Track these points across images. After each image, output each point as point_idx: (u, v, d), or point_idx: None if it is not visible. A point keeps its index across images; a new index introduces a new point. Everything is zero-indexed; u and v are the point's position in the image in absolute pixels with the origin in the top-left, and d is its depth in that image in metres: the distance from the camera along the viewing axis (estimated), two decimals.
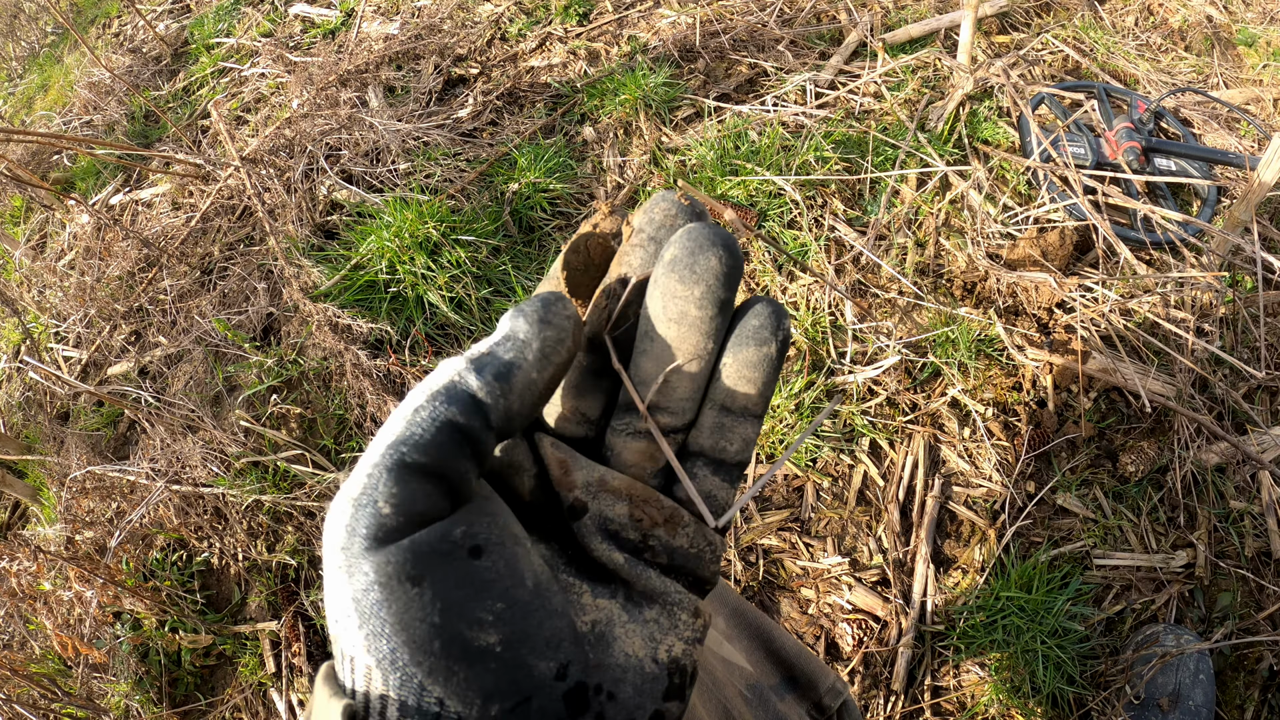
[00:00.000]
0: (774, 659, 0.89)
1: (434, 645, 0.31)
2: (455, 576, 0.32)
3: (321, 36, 2.95)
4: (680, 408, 0.39)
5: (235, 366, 2.11)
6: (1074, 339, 1.80)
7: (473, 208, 2.20)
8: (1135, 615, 1.64)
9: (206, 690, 1.80)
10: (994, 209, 2.03)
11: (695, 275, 0.37)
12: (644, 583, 0.37)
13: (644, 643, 0.36)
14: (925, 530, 1.70)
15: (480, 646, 0.31)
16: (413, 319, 2.06)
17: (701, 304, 0.37)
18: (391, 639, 0.31)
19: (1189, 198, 2.14)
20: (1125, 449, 1.75)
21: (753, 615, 0.93)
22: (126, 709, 1.78)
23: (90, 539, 1.96)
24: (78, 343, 2.40)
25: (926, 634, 1.63)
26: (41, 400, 2.35)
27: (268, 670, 1.77)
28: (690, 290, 0.37)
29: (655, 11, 2.65)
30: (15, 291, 2.64)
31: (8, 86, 3.86)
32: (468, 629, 0.31)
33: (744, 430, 0.40)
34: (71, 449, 2.11)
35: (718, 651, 0.84)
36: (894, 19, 2.52)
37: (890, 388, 1.82)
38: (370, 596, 0.31)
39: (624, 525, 0.37)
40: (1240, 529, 1.68)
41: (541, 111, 2.45)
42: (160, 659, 1.80)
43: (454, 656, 0.31)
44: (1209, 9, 2.56)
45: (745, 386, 0.39)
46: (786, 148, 2.13)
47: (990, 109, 2.23)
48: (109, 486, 2.02)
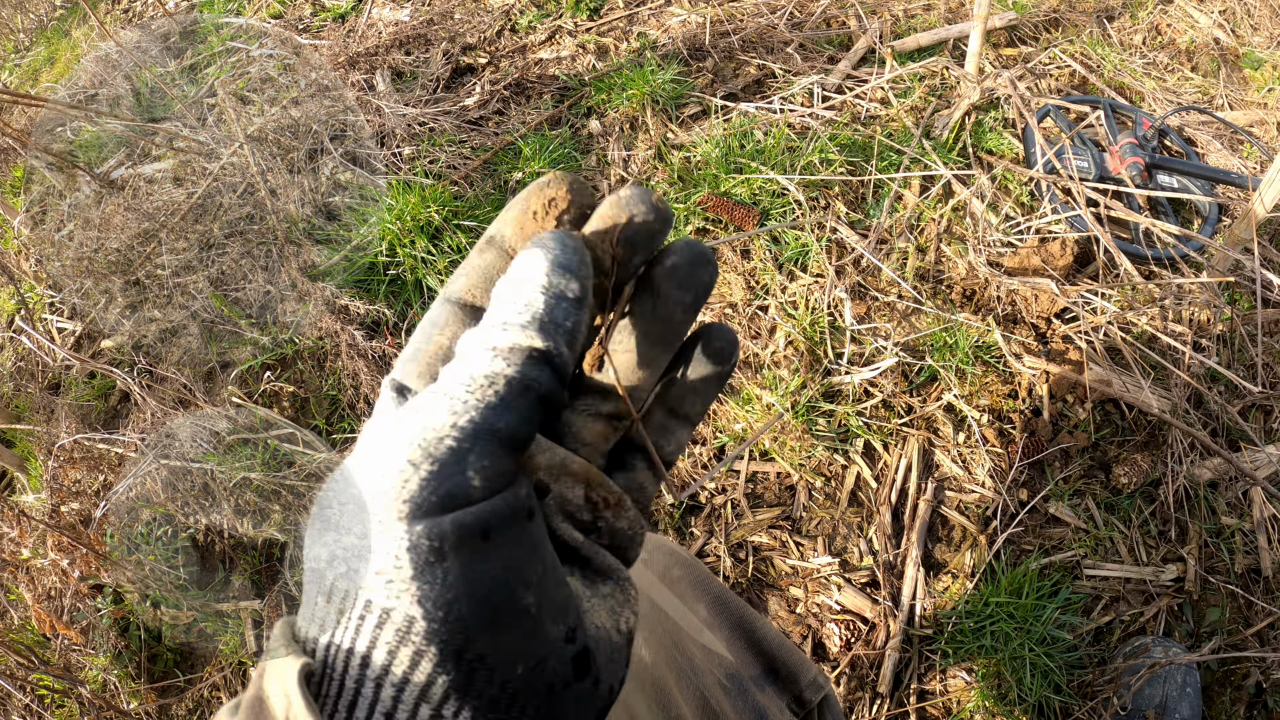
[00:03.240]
0: (755, 649, 0.89)
1: (493, 599, 0.32)
2: (516, 537, 0.33)
3: (331, 20, 2.95)
4: (639, 397, 0.43)
5: (230, 343, 2.09)
6: (1072, 349, 1.80)
7: (475, 194, 2.20)
8: (1124, 626, 1.64)
9: (186, 667, 1.79)
10: (996, 218, 2.03)
11: (690, 284, 0.40)
12: (599, 560, 0.39)
13: (608, 615, 0.38)
14: (916, 534, 1.70)
15: (524, 605, 0.32)
16: (410, 302, 2.06)
17: (687, 310, 0.41)
18: (453, 588, 0.31)
19: (1190, 215, 2.14)
20: (1119, 461, 1.75)
21: (735, 605, 0.92)
22: (104, 682, 1.77)
23: (76, 510, 1.95)
24: (72, 314, 2.39)
25: (914, 637, 1.62)
26: (33, 370, 2.33)
27: (248, 649, 1.75)
28: (683, 296, 0.40)
29: (666, 9, 2.65)
30: (13, 260, 2.62)
31: (14, 58, 3.84)
32: (520, 588, 0.32)
33: (681, 435, 0.44)
34: (61, 419, 2.10)
35: (697, 639, 0.84)
36: (903, 27, 2.53)
37: (887, 390, 1.82)
38: (434, 548, 0.31)
39: (579, 507, 0.39)
40: (1231, 545, 1.68)
41: (548, 103, 2.45)
42: (140, 633, 1.79)
43: (503, 613, 0.32)
44: (1217, 31, 2.58)
45: (694, 397, 0.43)
46: (791, 148, 2.13)
47: (996, 119, 2.24)
48: (97, 458, 2.01)
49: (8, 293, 2.55)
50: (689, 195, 2.08)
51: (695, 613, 0.88)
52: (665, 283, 0.40)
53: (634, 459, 0.43)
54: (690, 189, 2.11)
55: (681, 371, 0.43)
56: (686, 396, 0.43)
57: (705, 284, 0.40)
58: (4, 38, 4.03)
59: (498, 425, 0.33)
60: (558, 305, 0.35)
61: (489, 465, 0.32)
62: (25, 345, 2.34)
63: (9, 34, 4.01)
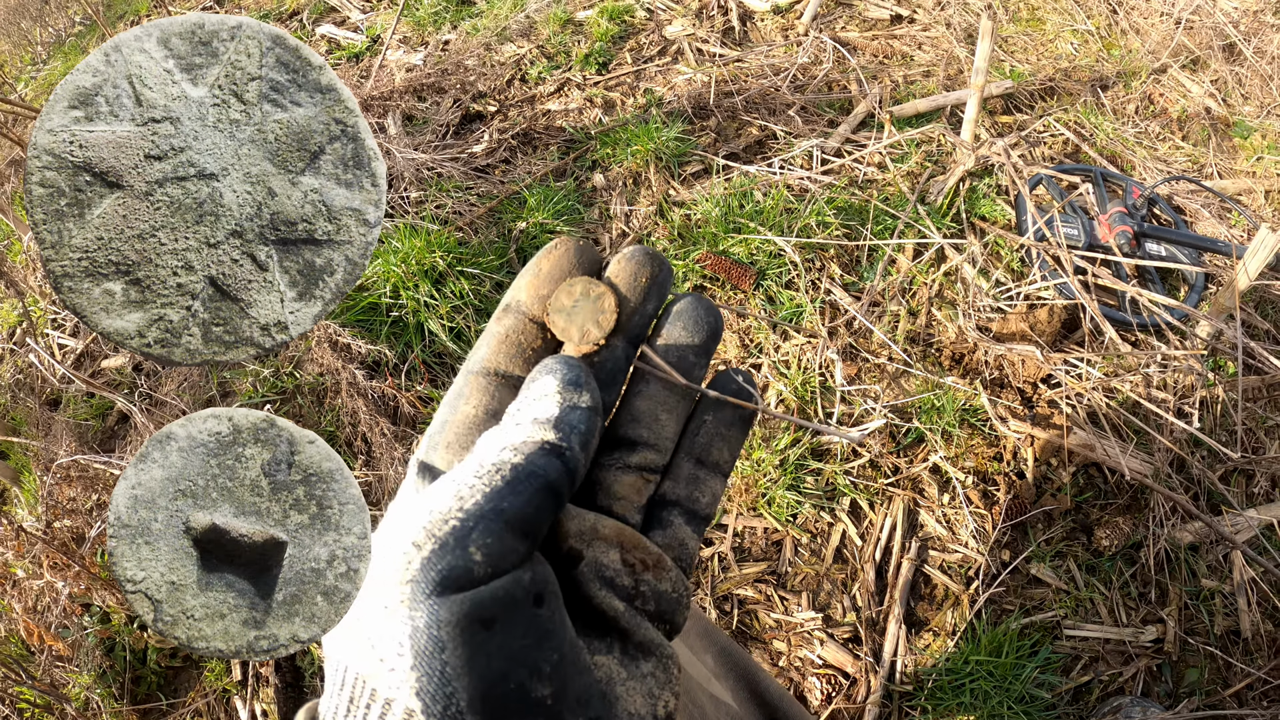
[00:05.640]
0: (758, 700, 0.91)
1: (496, 691, 0.31)
2: (523, 624, 0.32)
3: (346, 59, 3.03)
4: (665, 446, 0.42)
5: (231, 373, 2.13)
6: (1056, 413, 1.85)
7: (480, 242, 2.26)
8: (1103, 686, 1.67)
9: (169, 691, 1.80)
10: (986, 283, 2.09)
11: (697, 327, 0.42)
12: (641, 634, 0.37)
13: (644, 700, 0.36)
14: (900, 591, 1.74)
15: (535, 698, 0.31)
16: (411, 345, 2.11)
17: (699, 353, 0.42)
18: (452, 682, 0.30)
19: (1177, 282, 2.20)
20: (1100, 524, 1.79)
21: (740, 656, 0.95)
22: (87, 701, 1.78)
23: (69, 527, 1.97)
24: (75, 331, 2.42)
25: (895, 693, 1.66)
26: (33, 384, 2.36)
27: (233, 677, 1.78)
28: (692, 338, 0.42)
29: (672, 67, 2.73)
30: (20, 275, 2.66)
31: (31, 70, 3.88)
32: (528, 679, 0.31)
33: (714, 485, 0.43)
34: (60, 436, 2.12)
35: (706, 688, 0.86)
36: (903, 93, 2.60)
37: (874, 450, 1.87)
38: (433, 635, 0.31)
39: (618, 572, 0.38)
40: (1211, 607, 1.71)
41: (554, 154, 2.51)
42: (126, 655, 1.80)
43: (511, 706, 0.31)
44: (1208, 101, 2.64)
45: (721, 444, 0.43)
46: (789, 210, 2.19)
47: (989, 186, 2.30)
48: (92, 477, 2.04)
49: (10, 305, 2.58)
50: (688, 252, 2.14)
51: (703, 663, 0.90)
52: (673, 327, 0.42)
53: (671, 514, 0.42)
54: (689, 246, 2.16)
55: (705, 418, 0.43)
56: (713, 444, 0.43)
57: (713, 326, 0.42)
58: (22, 49, 4.07)
59: (502, 506, 0.33)
60: (571, 411, 0.37)
61: (492, 543, 0.32)
62: (25, 359, 2.37)
63: (27, 46, 4.06)
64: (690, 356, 0.42)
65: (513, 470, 0.34)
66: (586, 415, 0.37)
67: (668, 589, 0.39)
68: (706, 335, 0.42)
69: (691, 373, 0.42)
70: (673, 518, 0.42)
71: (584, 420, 0.37)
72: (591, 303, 0.41)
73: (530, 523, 0.33)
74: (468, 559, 0.31)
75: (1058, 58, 2.79)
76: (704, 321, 0.42)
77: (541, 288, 0.42)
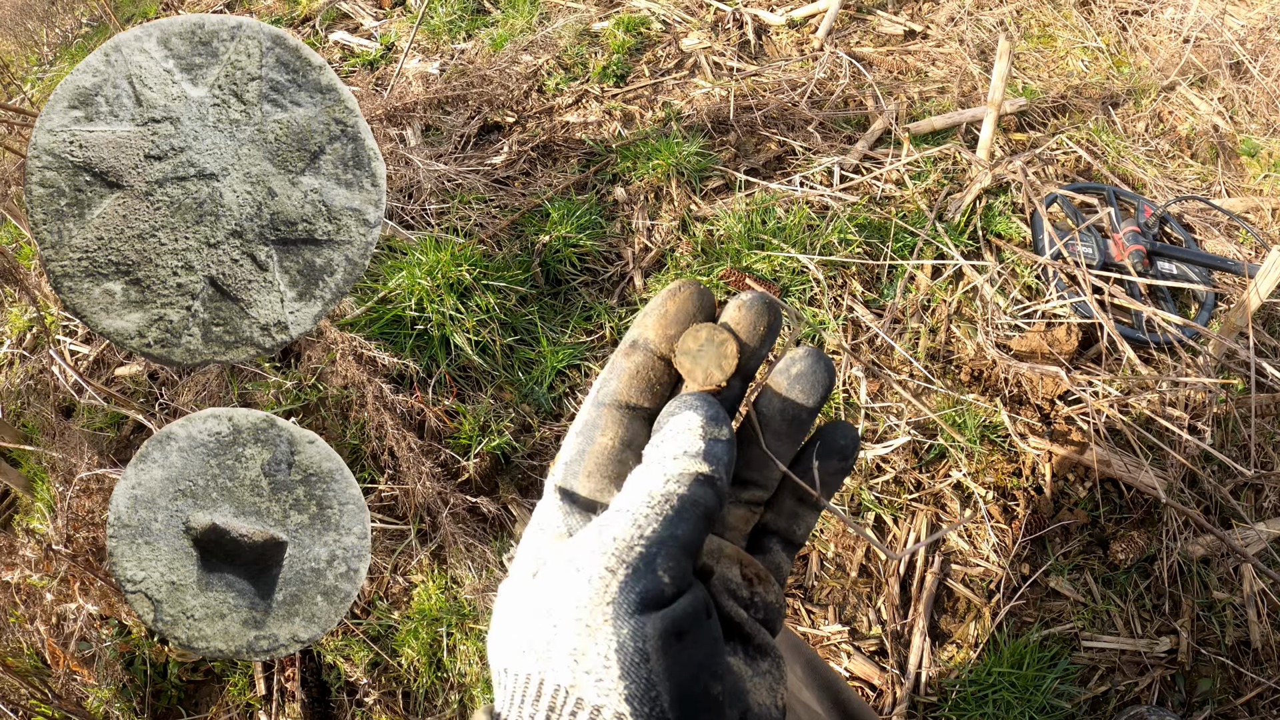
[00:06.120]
0: (840, 710, 0.96)
1: (689, 693, 0.35)
2: (704, 634, 0.37)
3: (361, 66, 3.04)
4: (771, 486, 0.48)
5: (253, 385, 2.13)
6: (1074, 430, 1.89)
7: (504, 255, 2.28)
8: (1119, 696, 1.71)
9: (190, 706, 1.81)
10: (1004, 301, 2.13)
11: (814, 389, 0.46)
12: (760, 638, 0.43)
13: (767, 693, 0.41)
14: (924, 605, 1.78)
15: (714, 696, 0.36)
16: (436, 358, 2.12)
17: (811, 412, 0.47)
18: (656, 687, 0.35)
19: (1188, 300, 2.25)
20: (1116, 537, 1.83)
21: (823, 669, 1.00)
22: (107, 715, 1.78)
23: (88, 539, 1.97)
24: (87, 338, 2.40)
25: (920, 704, 1.70)
26: (46, 391, 2.35)
27: (257, 692, 1.78)
28: (808, 399, 0.46)
29: (690, 80, 2.76)
30: (32, 281, 2.65)
31: (37, 71, 3.86)
32: (710, 680, 0.36)
33: (809, 520, 0.49)
34: (78, 447, 2.10)
35: (798, 696, 0.91)
36: (918, 110, 2.63)
37: (898, 466, 1.91)
38: (639, 648, 0.35)
39: (739, 585, 0.43)
40: (1222, 618, 1.76)
41: (575, 167, 2.54)
42: (146, 668, 1.81)
43: (700, 705, 0.36)
44: (1216, 119, 2.69)
45: (823, 488, 0.48)
46: (811, 226, 2.23)
47: (1005, 204, 2.34)
48: (108, 489, 2.02)
49: (20, 309, 2.56)
50: (711, 268, 2.18)
51: (793, 671, 0.95)
52: (793, 388, 0.46)
53: (771, 541, 0.48)
54: (713, 261, 2.20)
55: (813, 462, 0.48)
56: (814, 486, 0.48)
57: (828, 386, 0.46)
58: (29, 50, 4.06)
59: (677, 533, 0.37)
60: (715, 444, 0.41)
61: (674, 566, 0.37)
62: (36, 365, 2.35)
63: (34, 47, 4.04)
64: (804, 416, 0.46)
65: (679, 500, 0.39)
66: (728, 448, 0.42)
67: (773, 600, 0.44)
68: (821, 396, 0.46)
69: (804, 428, 0.47)
70: (772, 545, 0.48)
71: (726, 452, 0.41)
72: (716, 348, 0.45)
73: (695, 545, 0.39)
74: (658, 581, 0.36)
75: (1069, 75, 2.84)
76: (821, 384, 0.46)
77: (669, 328, 0.46)
